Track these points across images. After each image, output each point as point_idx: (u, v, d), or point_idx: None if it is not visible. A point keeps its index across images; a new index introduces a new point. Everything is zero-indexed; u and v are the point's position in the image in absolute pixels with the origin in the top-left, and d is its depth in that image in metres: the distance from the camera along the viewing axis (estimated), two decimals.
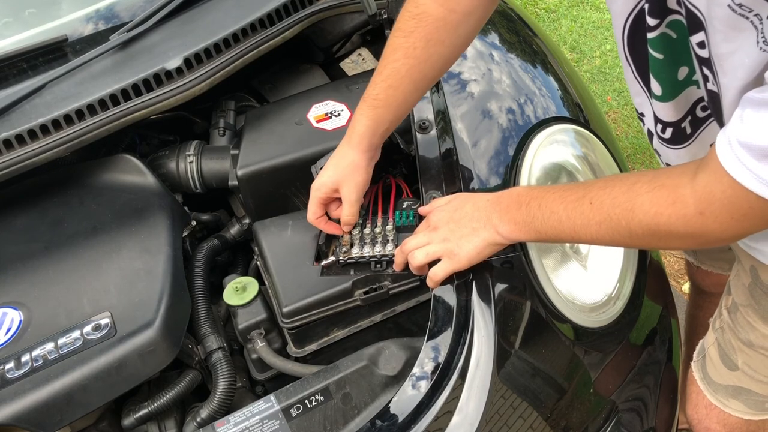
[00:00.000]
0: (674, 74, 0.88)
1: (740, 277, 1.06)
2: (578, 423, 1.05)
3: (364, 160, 1.08)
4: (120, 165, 1.27)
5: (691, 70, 0.86)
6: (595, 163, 1.23)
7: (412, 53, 1.02)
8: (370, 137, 1.07)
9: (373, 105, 1.06)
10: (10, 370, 0.96)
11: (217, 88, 1.30)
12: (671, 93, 0.90)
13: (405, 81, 1.04)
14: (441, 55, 1.04)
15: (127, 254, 1.11)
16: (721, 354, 1.12)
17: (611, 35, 3.33)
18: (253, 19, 1.31)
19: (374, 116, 1.06)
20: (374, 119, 1.06)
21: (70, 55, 1.31)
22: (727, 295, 1.11)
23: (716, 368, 1.14)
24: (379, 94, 1.05)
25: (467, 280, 1.01)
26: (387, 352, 1.02)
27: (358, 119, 1.07)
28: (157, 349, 0.99)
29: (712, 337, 1.16)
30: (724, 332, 1.11)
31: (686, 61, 0.84)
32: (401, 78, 1.04)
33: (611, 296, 1.14)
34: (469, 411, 0.93)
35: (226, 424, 0.97)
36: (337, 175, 1.08)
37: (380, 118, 1.07)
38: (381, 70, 1.05)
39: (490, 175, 1.13)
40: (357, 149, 1.08)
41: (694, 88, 0.89)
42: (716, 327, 1.14)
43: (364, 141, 1.07)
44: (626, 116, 2.89)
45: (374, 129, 1.07)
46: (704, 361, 1.18)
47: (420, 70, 1.04)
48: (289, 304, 1.06)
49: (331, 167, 1.09)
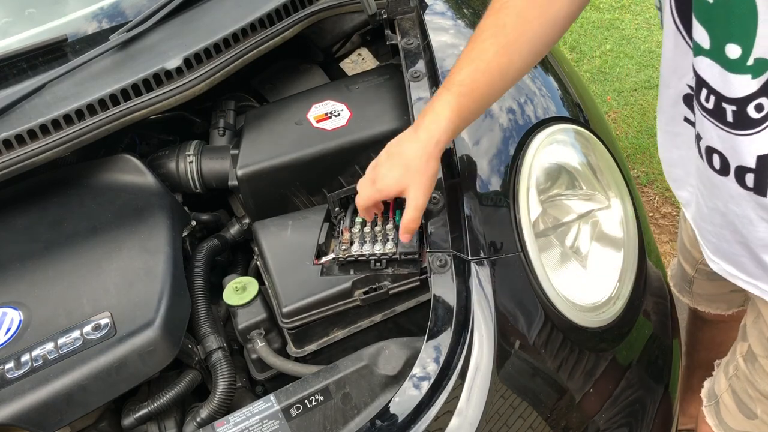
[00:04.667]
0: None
1: (758, 326, 1.01)
2: (578, 423, 1.05)
3: (436, 160, 0.96)
4: (120, 165, 1.27)
5: None
6: (595, 163, 1.23)
7: (501, 31, 0.92)
8: (451, 133, 0.95)
9: (458, 92, 0.93)
10: (10, 370, 0.96)
11: (217, 88, 1.30)
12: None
13: (493, 64, 0.93)
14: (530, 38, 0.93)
15: (127, 254, 1.11)
16: (737, 402, 1.09)
17: (611, 35, 3.33)
18: (253, 19, 1.31)
19: (458, 107, 0.94)
20: (458, 112, 0.94)
21: (69, 55, 1.31)
22: (742, 341, 1.08)
23: (733, 416, 1.11)
24: (464, 80, 0.93)
25: (467, 279, 1.02)
26: (387, 352, 1.02)
27: (439, 111, 0.94)
28: (156, 349, 0.99)
29: (724, 382, 1.12)
30: (740, 381, 1.07)
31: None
32: (489, 60, 0.93)
33: (611, 296, 1.14)
34: (469, 411, 0.93)
35: (226, 424, 0.97)
36: (406, 178, 0.95)
37: (464, 110, 0.94)
38: (466, 53, 0.95)
39: (490, 175, 1.12)
40: (433, 147, 0.94)
41: None
42: (730, 374, 1.10)
43: (444, 137, 0.94)
44: (626, 116, 2.89)
45: (457, 124, 0.95)
46: (718, 407, 1.14)
47: (509, 53, 0.93)
48: (288, 304, 1.06)
49: (397, 167, 0.95)
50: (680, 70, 0.88)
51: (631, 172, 2.48)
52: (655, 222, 2.47)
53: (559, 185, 1.19)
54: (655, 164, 2.64)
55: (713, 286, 1.35)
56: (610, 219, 1.20)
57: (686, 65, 0.85)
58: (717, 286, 1.34)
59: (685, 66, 0.86)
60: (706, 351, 1.60)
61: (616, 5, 3.53)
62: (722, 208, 0.90)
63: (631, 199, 1.23)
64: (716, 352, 1.53)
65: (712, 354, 1.56)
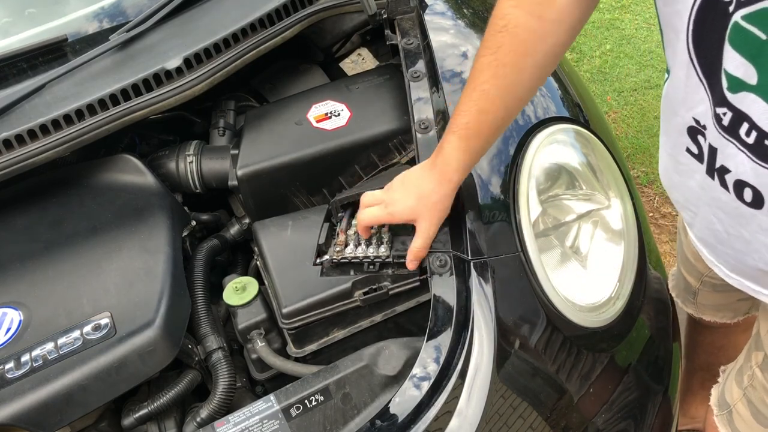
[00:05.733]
0: None
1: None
2: (578, 423, 1.05)
3: (449, 197, 1.01)
4: (120, 165, 1.27)
5: None
6: (595, 163, 1.23)
7: (502, 72, 0.94)
8: (463, 172, 1.00)
9: (465, 136, 0.97)
10: (10, 370, 0.96)
11: (217, 88, 1.30)
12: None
13: (497, 103, 0.96)
14: (531, 71, 0.96)
15: (127, 254, 1.11)
16: (752, 411, 1.08)
17: (611, 35, 3.33)
18: (253, 19, 1.31)
19: (467, 148, 0.98)
20: (468, 152, 0.99)
21: (69, 55, 1.31)
22: (756, 351, 1.07)
23: (748, 425, 1.11)
24: (469, 123, 0.97)
25: (467, 279, 1.02)
26: (387, 352, 1.02)
27: (450, 153, 0.99)
28: (156, 349, 0.99)
29: (737, 392, 1.11)
30: (756, 390, 1.07)
31: None
32: (492, 101, 0.96)
33: (611, 296, 1.14)
34: (469, 411, 0.93)
35: (226, 424, 0.97)
36: (419, 208, 1.00)
37: (473, 150, 0.99)
38: (469, 94, 0.97)
39: (490, 175, 1.12)
40: (447, 185, 1.00)
41: None
42: (744, 383, 1.09)
43: (456, 176, 1.00)
44: (626, 116, 2.89)
45: (467, 162, 1.00)
46: (731, 416, 1.13)
47: (511, 91, 0.96)
48: (288, 305, 1.06)
49: (413, 198, 1.01)
50: (689, 102, 0.86)
51: (631, 172, 2.48)
52: (655, 222, 2.47)
53: (559, 185, 1.19)
54: (655, 164, 2.64)
55: (719, 296, 1.33)
56: (610, 219, 1.20)
57: (696, 99, 0.84)
58: (723, 297, 1.32)
59: (695, 99, 0.84)
60: (706, 354, 1.60)
61: (616, 5, 3.53)
62: (748, 237, 0.88)
63: (631, 199, 1.23)
64: (716, 356, 1.53)
65: (712, 357, 1.56)
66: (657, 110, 2.89)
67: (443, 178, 1.00)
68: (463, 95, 0.98)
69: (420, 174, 1.03)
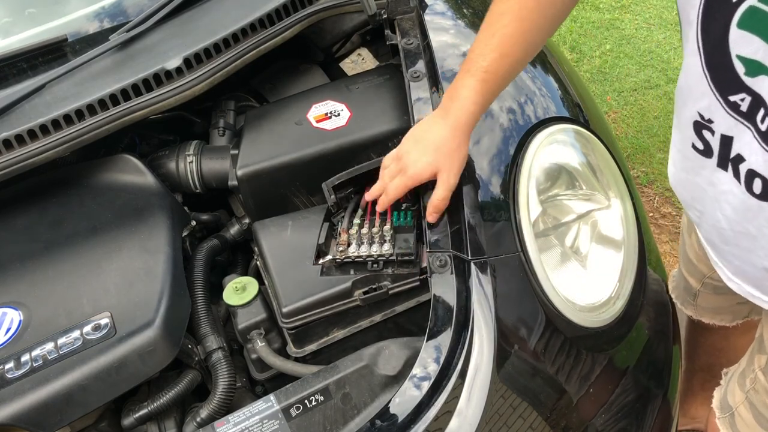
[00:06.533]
0: None
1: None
2: (578, 423, 1.05)
3: (466, 143, 0.99)
4: (120, 165, 1.27)
5: None
6: (595, 163, 1.23)
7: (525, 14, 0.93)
8: (478, 115, 0.98)
9: (483, 79, 0.96)
10: (10, 370, 0.96)
11: (217, 88, 1.30)
12: None
13: (516, 48, 0.95)
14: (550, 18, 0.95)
15: (127, 254, 1.11)
16: (755, 414, 1.09)
17: (611, 35, 3.33)
18: (253, 19, 1.31)
19: (484, 91, 0.97)
20: (484, 95, 0.97)
21: (69, 55, 1.31)
22: (759, 354, 1.07)
23: (750, 428, 1.11)
24: (489, 66, 0.95)
25: (467, 279, 1.02)
26: (387, 352, 1.02)
27: (466, 96, 0.97)
28: (156, 349, 0.99)
29: (740, 395, 1.11)
30: (758, 393, 1.07)
31: None
32: (512, 45, 0.94)
33: (611, 296, 1.14)
34: (469, 411, 0.93)
35: (226, 424, 0.97)
36: (439, 161, 0.98)
37: (490, 93, 0.97)
38: (487, 39, 0.96)
39: (490, 175, 1.12)
40: (462, 131, 0.98)
41: None
42: (747, 387, 1.10)
43: (472, 120, 0.98)
44: (626, 116, 2.89)
45: (483, 106, 0.98)
46: (733, 419, 1.14)
47: (531, 36, 0.95)
48: (288, 304, 1.06)
49: (430, 153, 0.99)
50: (695, 93, 0.86)
51: (631, 172, 2.48)
52: (655, 222, 2.47)
53: (559, 185, 1.19)
54: (655, 164, 2.64)
55: (719, 299, 1.33)
56: (610, 219, 1.20)
57: (700, 90, 0.84)
58: (723, 299, 1.32)
59: (699, 91, 0.84)
60: (706, 355, 1.59)
61: (616, 5, 3.53)
62: (754, 232, 0.88)
63: (631, 199, 1.23)
64: (717, 357, 1.52)
65: (712, 358, 1.56)
66: (657, 110, 2.89)
67: (458, 125, 0.98)
68: (479, 40, 0.97)
69: (432, 125, 1.00)
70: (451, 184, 1.00)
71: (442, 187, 0.99)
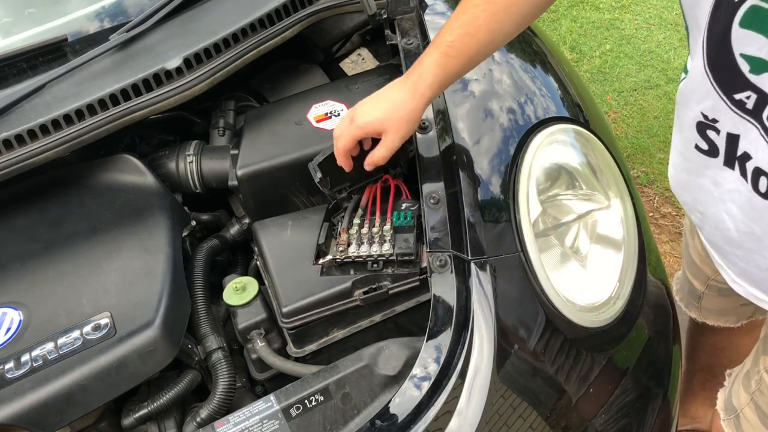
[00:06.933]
0: None
1: None
2: (578, 423, 1.05)
3: (420, 112, 1.01)
4: (120, 165, 1.27)
5: None
6: (594, 163, 1.23)
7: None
8: (436, 89, 1.01)
9: (446, 53, 0.98)
10: (10, 370, 0.96)
11: (217, 88, 1.30)
12: None
13: (482, 29, 0.97)
14: (521, 6, 0.98)
15: (127, 254, 1.11)
16: (760, 415, 1.09)
17: (611, 35, 3.33)
18: (253, 19, 1.31)
19: (445, 66, 0.99)
20: (445, 69, 0.99)
21: (69, 55, 1.31)
22: (764, 355, 1.07)
23: (756, 429, 1.11)
24: (454, 42, 0.98)
25: (467, 279, 1.02)
26: (387, 352, 1.02)
27: (427, 67, 1.00)
28: (156, 349, 0.99)
29: (745, 397, 1.12)
30: (763, 395, 1.07)
31: None
32: (479, 26, 0.97)
33: (611, 296, 1.14)
34: (469, 411, 0.93)
35: (226, 424, 0.97)
36: (387, 120, 1.00)
37: (451, 69, 1.00)
38: (458, 15, 0.99)
39: (490, 175, 1.13)
40: (419, 100, 1.00)
41: None
42: (752, 388, 1.10)
43: (428, 92, 1.00)
44: (626, 116, 2.89)
45: (443, 80, 1.00)
46: (738, 420, 1.14)
47: (499, 20, 0.97)
48: (288, 304, 1.06)
49: (383, 109, 1.01)
50: (698, 94, 0.86)
51: (631, 172, 2.48)
52: (655, 222, 2.47)
53: (559, 185, 1.19)
54: (655, 164, 2.64)
55: (724, 301, 1.33)
56: (610, 219, 1.20)
57: (703, 91, 0.84)
58: (728, 301, 1.32)
59: (703, 91, 0.84)
60: (707, 355, 1.59)
61: (616, 5, 3.53)
62: (759, 232, 0.88)
63: (631, 199, 1.23)
64: (718, 357, 1.52)
65: (713, 358, 1.55)
66: (657, 110, 2.89)
67: (416, 92, 1.00)
68: (453, 15, 1.00)
69: (392, 87, 1.03)
70: (394, 147, 1.02)
71: (384, 147, 1.02)
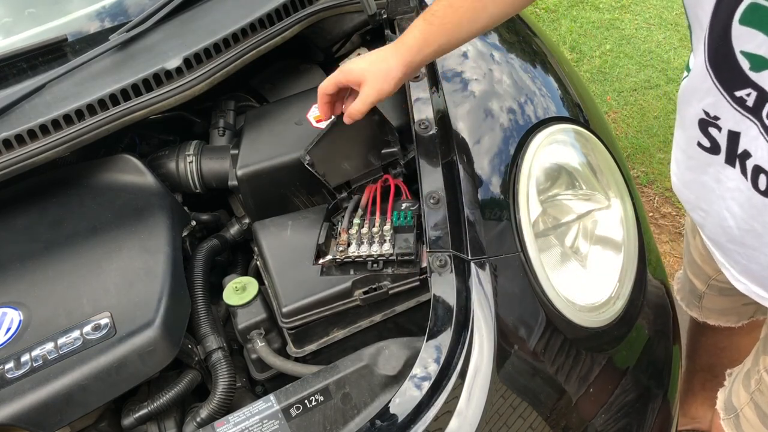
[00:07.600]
0: None
1: None
2: (578, 423, 1.05)
3: (399, 72, 1.04)
4: (120, 165, 1.27)
5: None
6: (594, 163, 1.23)
7: None
8: (415, 53, 1.04)
9: (429, 21, 1.03)
10: (10, 370, 0.96)
11: (217, 88, 1.30)
12: None
13: (466, 4, 1.02)
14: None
15: (127, 254, 1.11)
16: (759, 414, 1.09)
17: (611, 35, 3.33)
18: (253, 19, 1.31)
19: (426, 33, 1.04)
20: (425, 36, 1.04)
21: (69, 55, 1.31)
22: (764, 355, 1.07)
23: (756, 429, 1.11)
24: (437, 11, 1.03)
25: (467, 279, 1.02)
26: (387, 352, 1.02)
27: (410, 32, 1.05)
28: (156, 349, 0.99)
29: (744, 396, 1.12)
30: (763, 394, 1.08)
31: None
32: (463, 1, 1.02)
33: (611, 296, 1.14)
34: (469, 411, 0.93)
35: (226, 424, 0.97)
36: (368, 72, 1.05)
37: (430, 37, 1.04)
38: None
39: (490, 175, 1.13)
40: (399, 59, 1.04)
41: None
42: (752, 388, 1.10)
43: (408, 54, 1.04)
44: (626, 116, 2.89)
45: (421, 45, 1.04)
46: (738, 420, 1.14)
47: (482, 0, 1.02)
48: (288, 304, 1.06)
49: (366, 62, 1.06)
50: (699, 92, 0.87)
51: (631, 172, 2.48)
52: (655, 222, 2.47)
53: (559, 185, 1.19)
54: (655, 164, 2.64)
55: (725, 300, 1.33)
56: (610, 219, 1.20)
57: (704, 88, 0.84)
58: (729, 301, 1.32)
59: (704, 89, 0.85)
60: (707, 355, 1.59)
61: (616, 5, 3.53)
62: (760, 229, 0.88)
63: (631, 199, 1.23)
64: (718, 357, 1.52)
65: (714, 358, 1.55)
66: (657, 110, 2.89)
67: (396, 51, 1.05)
68: None
69: (381, 47, 1.09)
70: (370, 101, 1.05)
71: (361, 101, 1.05)
